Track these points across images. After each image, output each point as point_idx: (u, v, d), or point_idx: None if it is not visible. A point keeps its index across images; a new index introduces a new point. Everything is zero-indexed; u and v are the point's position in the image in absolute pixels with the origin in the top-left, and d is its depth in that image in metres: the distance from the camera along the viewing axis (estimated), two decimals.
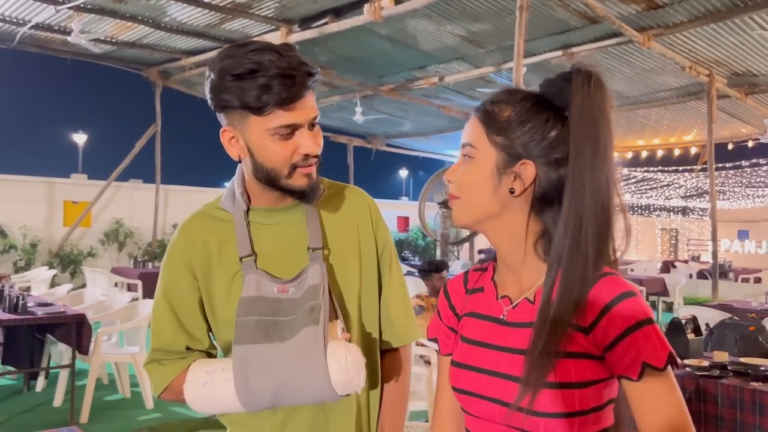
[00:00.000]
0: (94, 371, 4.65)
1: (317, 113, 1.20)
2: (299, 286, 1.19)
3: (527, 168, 0.96)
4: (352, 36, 8.38)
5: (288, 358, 1.14)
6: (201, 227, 1.27)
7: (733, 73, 9.32)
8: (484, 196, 0.98)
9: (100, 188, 11.52)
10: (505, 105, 0.99)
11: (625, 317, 0.89)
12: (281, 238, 1.26)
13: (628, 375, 0.90)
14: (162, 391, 1.26)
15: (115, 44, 9.58)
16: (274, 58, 1.11)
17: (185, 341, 1.26)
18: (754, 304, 6.53)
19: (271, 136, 1.15)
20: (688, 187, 19.13)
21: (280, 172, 1.18)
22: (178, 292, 1.26)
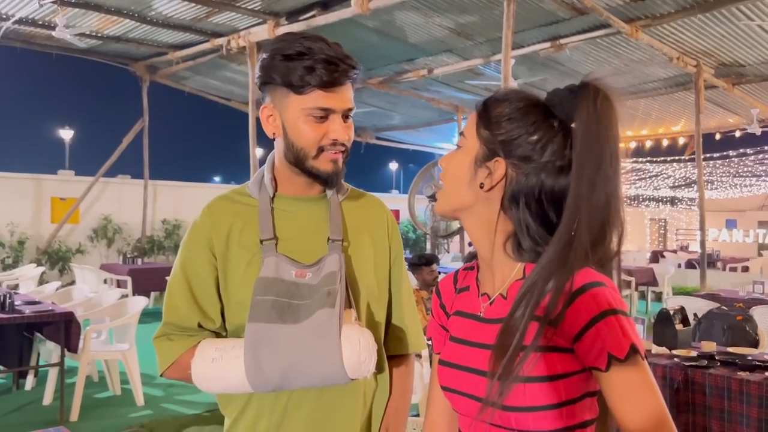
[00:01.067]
0: (84, 369, 4.62)
1: (353, 106, 1.26)
2: (317, 273, 1.23)
3: (498, 166, 0.98)
4: (339, 29, 8.32)
5: (300, 339, 1.17)
6: (225, 209, 1.31)
7: (721, 63, 9.36)
8: (461, 186, 1.01)
9: (87, 184, 11.42)
10: (503, 102, 1.01)
11: (589, 308, 0.88)
12: (303, 227, 1.30)
13: (596, 366, 0.89)
14: (168, 367, 1.27)
15: (100, 39, 9.49)
16: (323, 46, 1.20)
17: (197, 317, 1.28)
18: (741, 294, 6.59)
19: (305, 116, 1.22)
20: (676, 177, 19.25)
21: (308, 152, 1.24)
22: (195, 269, 1.28)
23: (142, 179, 11.98)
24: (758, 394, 2.83)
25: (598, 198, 0.92)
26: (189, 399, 5.11)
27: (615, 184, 0.94)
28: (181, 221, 12.51)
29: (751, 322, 4.27)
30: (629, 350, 0.87)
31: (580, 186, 0.92)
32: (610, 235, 0.95)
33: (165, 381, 5.59)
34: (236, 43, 8.86)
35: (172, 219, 12.47)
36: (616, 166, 0.94)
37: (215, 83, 12.02)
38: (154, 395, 5.14)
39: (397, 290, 1.41)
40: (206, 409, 4.80)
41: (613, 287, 0.92)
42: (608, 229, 0.94)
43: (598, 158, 0.92)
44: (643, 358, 0.90)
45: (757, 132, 11.65)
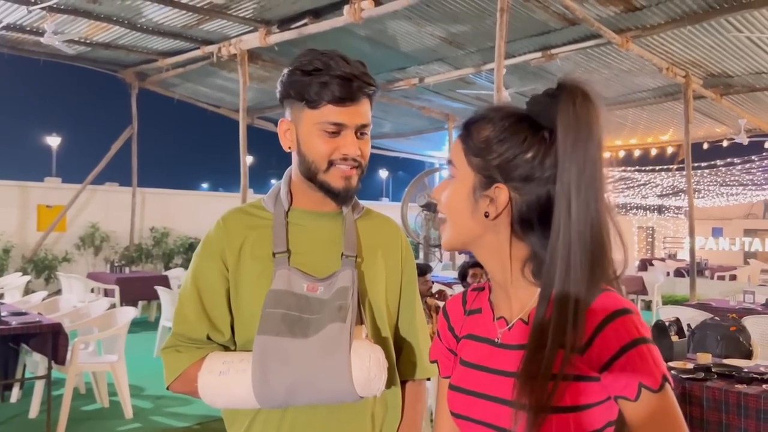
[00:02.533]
0: (71, 381, 4.53)
1: (367, 122, 1.27)
2: (329, 287, 1.22)
3: (500, 192, 0.93)
4: (331, 37, 8.31)
5: (310, 353, 1.15)
6: (239, 221, 1.32)
7: (709, 74, 9.44)
8: (465, 217, 0.96)
9: (74, 192, 11.29)
10: (486, 123, 0.96)
11: (620, 336, 0.86)
12: (316, 241, 1.30)
13: (625, 395, 0.87)
14: (174, 379, 1.25)
15: (89, 45, 9.41)
16: (341, 63, 1.22)
17: (206, 329, 1.26)
18: (732, 303, 6.62)
19: (318, 130, 1.23)
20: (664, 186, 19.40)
21: (318, 165, 1.25)
22: (207, 280, 1.28)
23: (131, 187, 11.87)
24: (756, 407, 2.82)
25: (585, 202, 0.88)
26: (179, 411, 5.04)
27: (601, 186, 0.89)
28: (169, 229, 12.40)
29: (744, 333, 4.28)
30: (662, 380, 0.86)
31: (567, 191, 0.88)
32: (609, 246, 0.91)
33: (154, 393, 5.51)
34: (227, 50, 8.82)
35: (160, 227, 12.35)
36: (600, 169, 0.89)
37: (205, 90, 11.96)
38: (143, 407, 5.06)
39: (410, 314, 1.40)
40: (196, 422, 4.73)
41: (638, 313, 0.90)
42: (605, 239, 0.90)
43: (582, 161, 0.88)
44: (673, 387, 0.88)
45: (744, 142, 11.75)
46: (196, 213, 13.06)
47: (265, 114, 13.20)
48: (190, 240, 12.56)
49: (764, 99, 10.53)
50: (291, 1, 7.57)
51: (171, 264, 12.13)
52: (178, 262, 12.30)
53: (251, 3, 7.69)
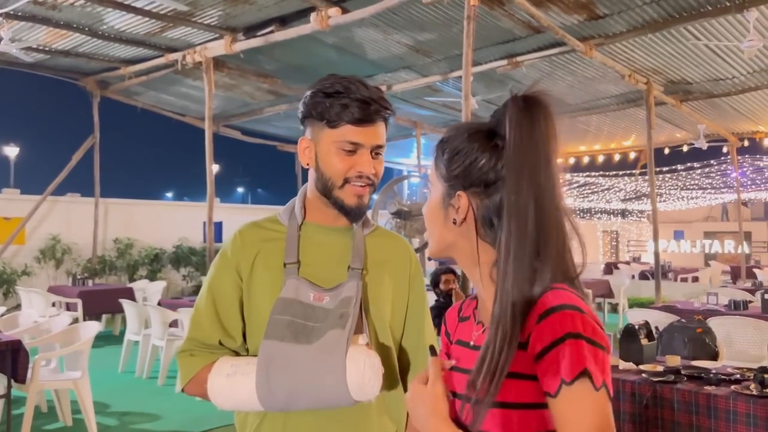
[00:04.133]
0: (32, 400, 4.37)
1: (382, 143, 1.36)
2: (334, 298, 1.29)
3: (461, 199, 1.00)
4: (298, 44, 8.27)
5: (309, 360, 1.22)
6: (255, 234, 1.39)
7: (669, 81, 9.68)
8: (439, 227, 1.04)
9: (34, 203, 10.95)
10: (451, 139, 1.04)
11: (554, 329, 0.85)
12: (326, 254, 1.37)
13: (548, 391, 0.85)
14: (188, 381, 1.32)
15: (48, 53, 9.17)
16: (360, 87, 1.31)
17: (219, 335, 1.34)
18: (696, 305, 6.75)
19: (336, 149, 1.32)
20: (627, 190, 19.82)
21: (335, 182, 1.33)
22: (222, 289, 1.36)
23: (93, 197, 11.58)
24: (725, 408, 2.86)
25: (526, 205, 0.91)
26: (146, 427, 4.91)
27: (548, 190, 0.92)
28: (133, 240, 12.12)
29: (710, 334, 4.36)
30: (578, 374, 0.83)
31: (510, 194, 0.92)
32: (557, 245, 0.93)
33: (119, 410, 5.36)
34: (192, 58, 8.69)
35: (124, 238, 12.06)
36: (548, 173, 0.92)
37: (169, 98, 11.76)
38: (109, 425, 4.91)
39: (419, 328, 1.45)
40: None
41: (590, 314, 0.88)
42: (551, 239, 0.92)
43: (523, 165, 0.92)
44: (599, 388, 0.83)
45: (704, 146, 12.09)
46: (160, 223, 12.81)
47: (231, 122, 13.06)
48: (155, 251, 12.30)
49: (722, 105, 10.83)
50: (257, 9, 7.51)
51: (135, 276, 11.85)
52: (143, 273, 12.02)
53: (216, 10, 7.60)
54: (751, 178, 16.45)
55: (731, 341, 5.29)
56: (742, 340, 5.36)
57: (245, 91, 11.07)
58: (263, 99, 11.54)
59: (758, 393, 2.86)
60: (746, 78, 9.37)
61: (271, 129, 13.93)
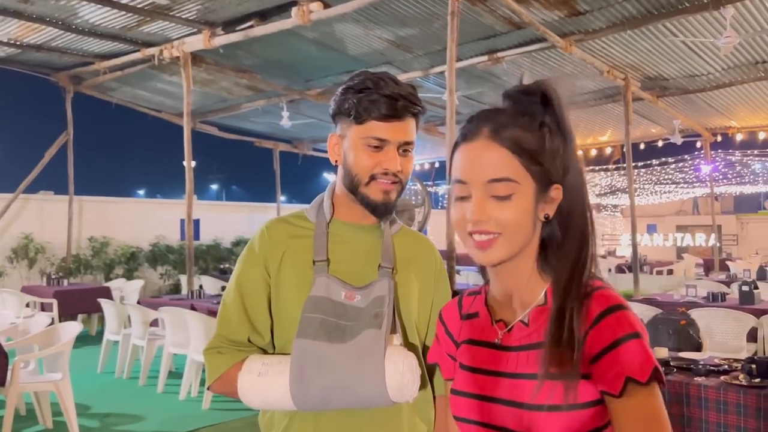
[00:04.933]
0: (12, 403, 4.26)
1: (410, 140, 1.32)
2: (366, 296, 1.28)
3: (558, 192, 0.95)
4: (278, 40, 8.19)
5: (345, 358, 1.20)
6: (282, 230, 1.38)
7: (646, 77, 9.81)
8: (528, 228, 0.95)
9: (5, 202, 10.68)
10: (523, 130, 0.95)
11: (613, 331, 0.86)
12: (355, 252, 1.35)
13: (609, 390, 0.86)
14: (215, 380, 1.31)
15: (19, 47, 8.93)
16: (390, 83, 1.29)
17: (247, 332, 1.33)
18: (676, 297, 6.86)
19: (363, 145, 1.30)
20: (602, 185, 20.07)
21: (361, 178, 1.31)
22: (250, 285, 1.35)
23: (67, 195, 11.34)
24: (716, 399, 2.91)
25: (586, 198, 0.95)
26: (128, 428, 4.83)
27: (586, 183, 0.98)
28: (109, 238, 11.90)
29: (693, 326, 4.44)
30: (651, 374, 0.85)
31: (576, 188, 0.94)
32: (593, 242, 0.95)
33: (101, 411, 5.26)
34: (169, 53, 8.54)
35: (99, 236, 11.83)
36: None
37: (145, 94, 11.56)
38: (91, 427, 4.82)
39: None
40: None
41: (631, 309, 0.91)
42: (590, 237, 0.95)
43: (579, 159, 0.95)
44: (664, 385, 0.88)
45: (678, 142, 12.30)
46: (136, 221, 12.60)
47: (208, 117, 12.89)
48: (132, 249, 12.09)
49: (697, 101, 11.02)
50: (236, 3, 7.40)
51: (112, 275, 11.64)
52: (119, 272, 11.81)
53: (195, 4, 7.47)
54: (722, 172, 16.80)
55: (711, 332, 5.39)
56: (722, 331, 5.47)
57: (223, 87, 10.93)
58: (241, 94, 11.41)
59: (747, 383, 2.91)
60: (721, 74, 9.54)
61: (249, 125, 13.80)
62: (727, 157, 14.50)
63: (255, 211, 15.36)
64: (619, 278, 12.41)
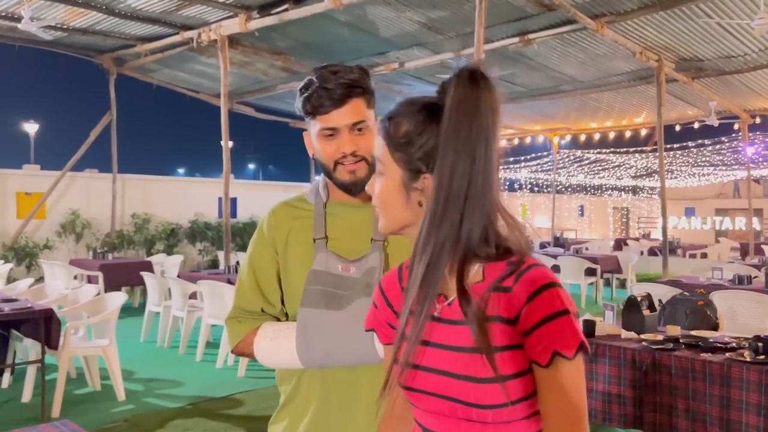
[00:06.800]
0: (64, 366, 4.62)
1: (358, 119, 1.42)
2: (359, 268, 1.44)
3: (428, 182, 0.99)
4: (311, 22, 8.37)
5: (342, 323, 1.38)
6: (286, 213, 1.55)
7: (681, 58, 9.68)
8: (398, 209, 1.04)
9: (54, 179, 11.21)
10: (402, 119, 1.01)
11: (543, 307, 0.93)
12: (350, 228, 1.50)
13: (538, 361, 0.93)
14: (237, 343, 1.51)
15: (66, 31, 9.32)
16: (328, 76, 1.39)
17: (261, 303, 1.51)
18: (701, 279, 6.89)
19: (321, 137, 1.44)
20: (638, 167, 19.78)
21: (328, 166, 1.46)
22: (261, 262, 1.52)
23: (111, 173, 11.81)
24: (720, 374, 3.03)
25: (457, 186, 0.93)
26: (170, 392, 5.16)
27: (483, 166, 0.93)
28: (150, 215, 12.38)
29: (711, 307, 4.51)
30: (578, 348, 0.93)
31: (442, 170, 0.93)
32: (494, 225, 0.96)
33: (144, 376, 5.62)
34: (207, 36, 8.81)
35: (141, 213, 12.32)
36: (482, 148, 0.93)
37: (184, 75, 11.90)
38: (135, 390, 5.16)
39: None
40: (188, 402, 4.86)
41: (562, 287, 0.97)
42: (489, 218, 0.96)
43: (458, 141, 0.93)
44: (588, 354, 0.94)
45: (715, 124, 12.09)
46: (176, 199, 13.05)
47: (244, 98, 13.19)
48: (172, 226, 12.55)
49: (734, 82, 10.82)
50: None
51: (153, 250, 12.13)
52: (160, 248, 12.30)
53: None
54: (763, 155, 16.40)
55: (734, 314, 5.44)
56: (745, 313, 5.51)
57: (258, 69, 11.18)
58: (276, 76, 11.65)
59: (751, 359, 3.02)
60: (758, 55, 9.36)
61: (284, 106, 14.04)
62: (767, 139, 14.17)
63: (290, 191, 15.67)
64: (650, 261, 12.36)
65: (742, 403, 2.97)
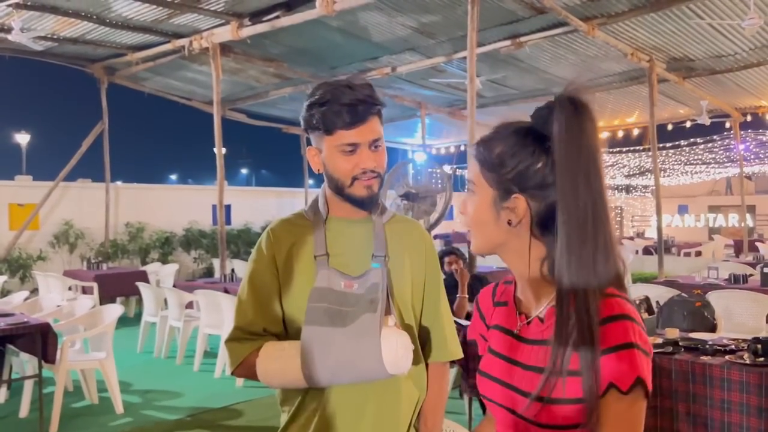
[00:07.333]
0: (62, 380, 4.58)
1: (377, 136, 1.46)
2: (362, 284, 1.43)
3: (519, 202, 1.02)
4: (303, 29, 8.36)
5: (347, 340, 1.36)
6: (285, 230, 1.53)
7: (672, 58, 9.73)
8: (489, 228, 1.06)
9: (46, 189, 11.15)
10: (495, 142, 1.06)
11: (610, 337, 0.92)
12: (351, 244, 1.50)
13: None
14: (236, 366, 1.46)
15: (56, 40, 9.28)
16: (347, 91, 1.41)
17: (263, 323, 1.47)
18: (697, 279, 6.91)
19: (338, 153, 1.44)
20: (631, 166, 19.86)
21: (344, 182, 1.46)
22: (261, 281, 1.49)
23: (104, 182, 11.77)
24: (720, 377, 3.04)
25: (584, 206, 0.94)
26: (168, 404, 5.13)
27: (599, 189, 0.95)
28: (144, 224, 12.33)
29: (708, 308, 4.53)
30: (633, 383, 0.91)
31: (565, 196, 0.95)
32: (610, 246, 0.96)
33: (142, 388, 5.58)
34: (198, 44, 8.80)
35: (135, 222, 12.28)
36: (596, 173, 0.95)
37: (176, 83, 11.87)
38: (133, 402, 5.13)
39: (435, 306, 1.59)
40: (187, 414, 4.83)
41: (640, 322, 0.96)
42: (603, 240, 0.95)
43: (578, 168, 0.94)
44: (648, 394, 0.92)
45: (707, 122, 12.15)
46: (170, 207, 13.00)
47: (237, 105, 13.17)
48: (166, 234, 12.51)
49: (725, 81, 10.88)
50: None
51: (147, 259, 12.08)
52: (155, 256, 12.25)
53: None
54: (754, 152, 16.51)
55: (731, 314, 5.46)
56: (741, 312, 5.53)
57: (251, 75, 11.17)
58: (269, 82, 11.64)
59: (751, 362, 3.03)
60: (748, 54, 9.42)
61: (276, 111, 14.04)
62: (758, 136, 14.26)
63: (283, 196, 15.66)
64: (645, 260, 12.39)
65: (743, 406, 2.98)
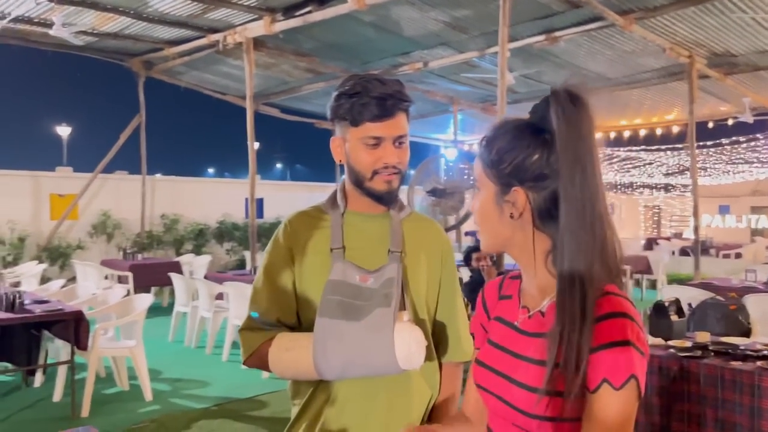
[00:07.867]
0: (93, 366, 4.71)
1: (403, 133, 1.46)
2: (378, 278, 1.43)
3: (518, 195, 1.04)
4: (335, 23, 8.38)
5: (361, 334, 1.36)
6: (302, 222, 1.53)
7: (713, 53, 9.45)
8: (494, 223, 1.08)
9: (86, 181, 11.44)
10: (494, 139, 1.08)
11: (603, 335, 0.93)
12: (367, 238, 1.50)
13: (587, 384, 0.94)
14: (249, 355, 1.46)
15: (96, 35, 9.50)
16: (377, 85, 1.41)
17: (276, 313, 1.48)
18: (734, 282, 6.71)
19: (362, 145, 1.44)
20: (670, 164, 19.38)
21: (365, 174, 1.46)
22: (277, 272, 1.50)
23: (140, 174, 12.02)
24: (750, 383, 2.94)
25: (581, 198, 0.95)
26: (196, 393, 5.22)
27: (596, 182, 0.96)
28: (179, 215, 12.56)
29: (743, 312, 4.38)
30: (626, 380, 0.92)
31: (567, 187, 0.96)
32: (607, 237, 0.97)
33: (171, 376, 5.70)
34: (232, 38, 8.90)
35: (170, 213, 12.51)
36: (595, 164, 0.97)
37: (210, 78, 12.04)
38: (162, 390, 5.24)
39: (451, 305, 1.58)
40: (213, 404, 4.91)
41: (637, 320, 0.96)
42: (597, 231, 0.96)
43: (575, 159, 0.96)
44: (640, 394, 0.93)
45: (750, 120, 11.78)
46: (204, 200, 13.21)
47: (270, 100, 13.29)
48: (200, 226, 12.72)
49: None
50: None
51: (181, 250, 12.31)
52: (189, 248, 12.47)
53: None
54: None
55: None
56: None
57: (284, 70, 11.26)
58: (301, 77, 11.71)
59: None
60: None
61: (309, 106, 14.12)
62: None
63: (315, 191, 15.73)
64: (681, 261, 12.10)
65: None
